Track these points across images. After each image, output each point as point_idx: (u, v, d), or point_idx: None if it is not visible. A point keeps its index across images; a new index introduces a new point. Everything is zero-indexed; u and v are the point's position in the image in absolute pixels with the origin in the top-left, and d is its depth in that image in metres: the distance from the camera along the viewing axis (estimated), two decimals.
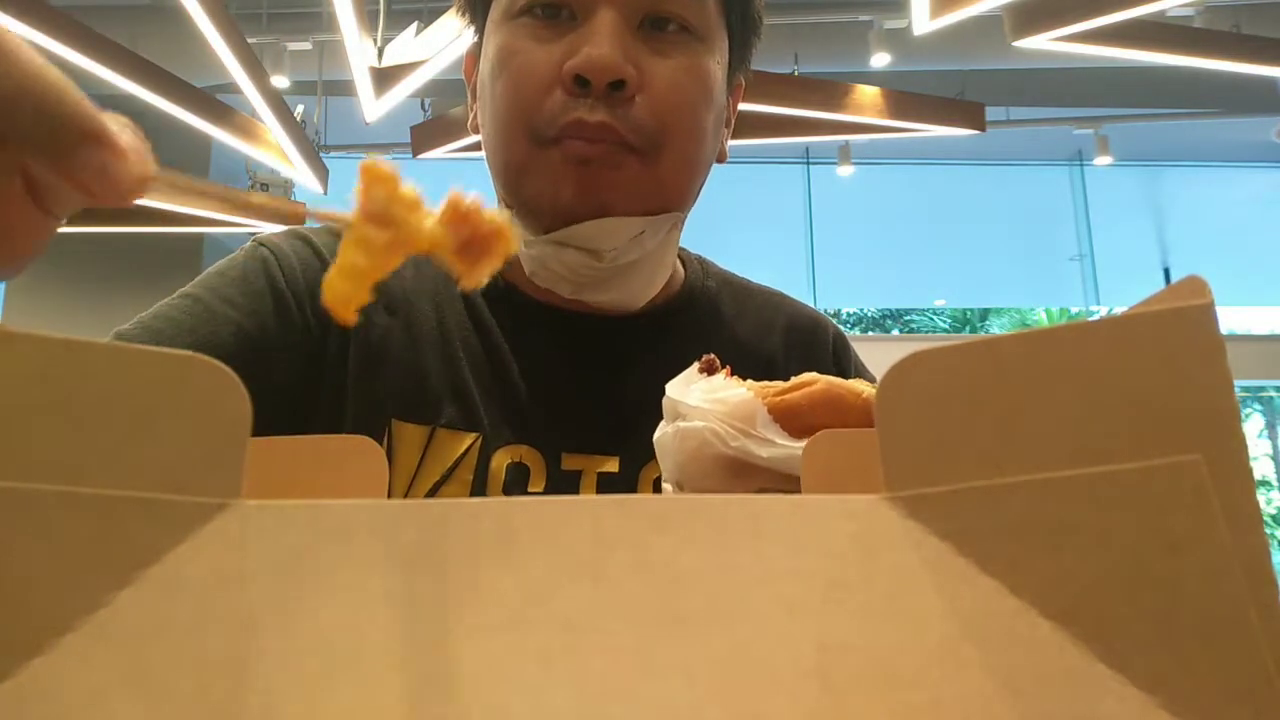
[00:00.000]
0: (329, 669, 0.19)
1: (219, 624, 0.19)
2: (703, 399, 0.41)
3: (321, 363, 0.63)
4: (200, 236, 5.30)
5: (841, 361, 0.78)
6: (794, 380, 0.40)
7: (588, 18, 0.60)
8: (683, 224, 0.69)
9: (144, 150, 0.29)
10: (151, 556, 0.20)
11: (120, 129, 0.28)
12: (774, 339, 0.76)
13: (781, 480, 0.39)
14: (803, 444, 0.37)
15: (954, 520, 0.21)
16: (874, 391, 0.38)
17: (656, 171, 0.61)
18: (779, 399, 0.39)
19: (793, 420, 0.39)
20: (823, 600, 0.20)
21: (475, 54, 0.70)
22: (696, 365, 0.44)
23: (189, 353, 0.22)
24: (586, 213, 0.60)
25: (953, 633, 0.19)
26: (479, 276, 0.33)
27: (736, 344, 0.74)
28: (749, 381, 0.41)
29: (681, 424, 0.41)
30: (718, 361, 0.44)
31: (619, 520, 0.21)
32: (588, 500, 0.22)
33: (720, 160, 0.70)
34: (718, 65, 0.64)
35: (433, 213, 0.32)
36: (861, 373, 0.78)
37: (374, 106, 3.54)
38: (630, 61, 0.59)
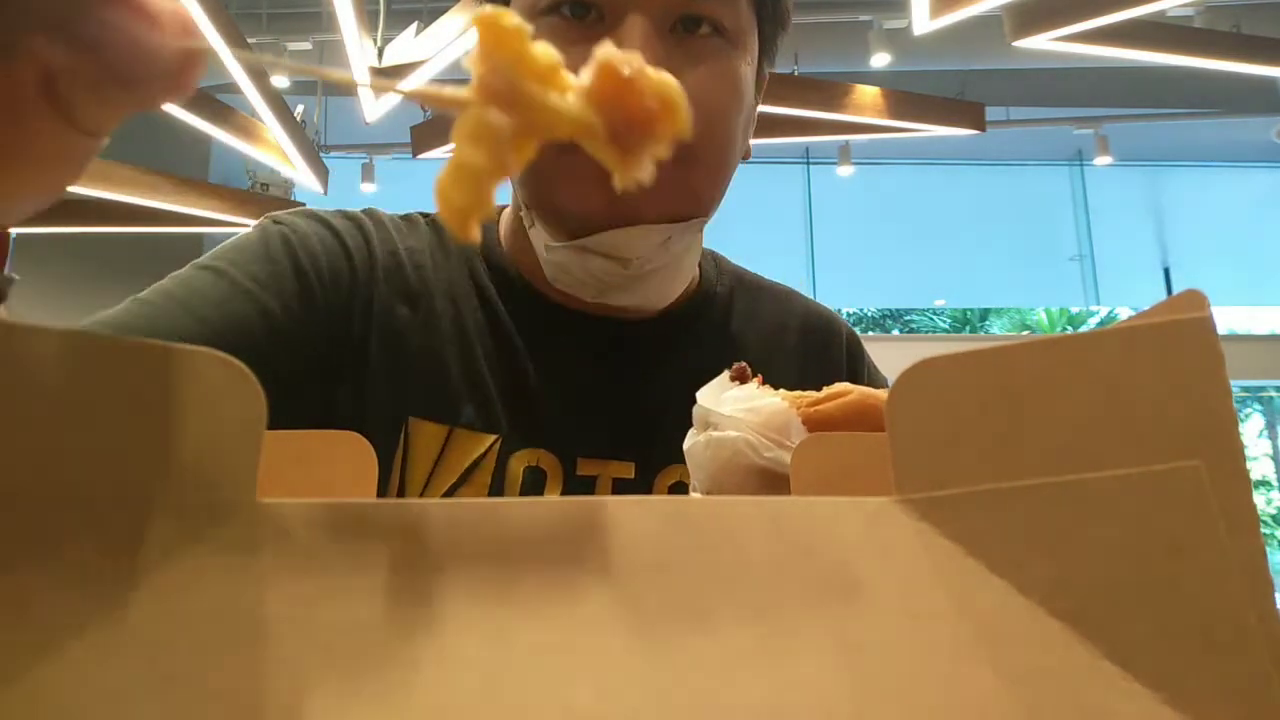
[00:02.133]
0: (350, 669, 0.19)
1: (235, 623, 0.19)
2: (735, 408, 0.40)
3: (344, 349, 0.62)
4: (200, 237, 5.29)
5: (855, 363, 0.76)
6: (827, 390, 0.40)
7: (617, 22, 0.57)
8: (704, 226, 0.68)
9: (187, 16, 0.22)
10: (166, 555, 0.20)
11: None
12: (789, 340, 0.75)
13: None
14: None
15: (964, 522, 0.21)
16: None
17: (688, 179, 0.60)
18: (813, 410, 0.39)
19: (826, 430, 0.39)
20: (840, 600, 0.20)
21: None
22: (728, 373, 0.43)
23: (203, 348, 0.22)
24: (616, 221, 0.58)
25: (965, 631, 0.20)
26: (640, 170, 0.26)
27: (751, 346, 0.73)
28: (781, 390, 0.41)
29: (714, 434, 0.41)
30: (749, 370, 0.43)
31: (640, 521, 0.21)
32: (608, 500, 0.22)
33: (744, 158, 0.68)
34: (748, 67, 0.63)
35: (576, 84, 0.25)
36: (873, 374, 0.77)
37: (374, 106, 3.54)
38: (663, 68, 0.56)
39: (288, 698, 0.18)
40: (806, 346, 0.75)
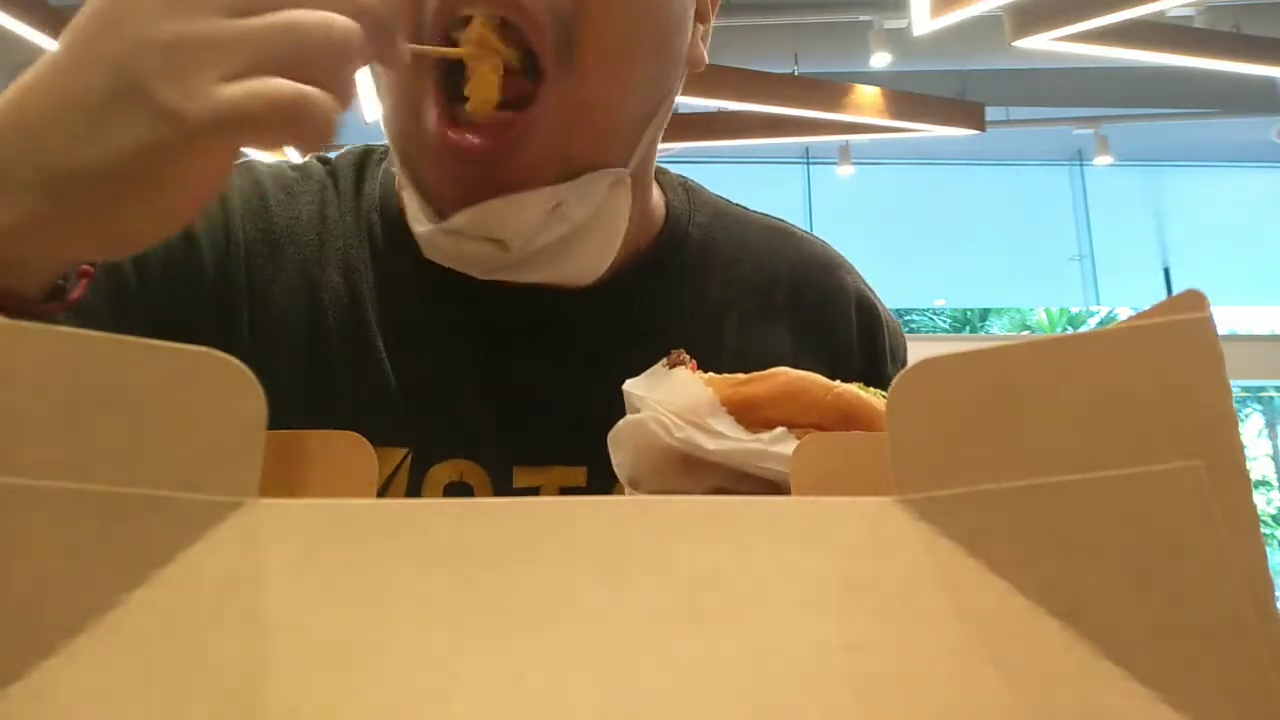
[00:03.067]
0: (350, 670, 0.19)
1: (235, 624, 0.19)
2: (656, 392, 0.38)
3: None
4: None
5: (869, 333, 0.61)
6: (759, 374, 0.38)
7: None
8: (645, 180, 0.54)
9: None
10: (165, 556, 0.20)
11: None
12: (778, 294, 0.60)
13: (737, 479, 0.36)
14: (756, 438, 0.35)
15: (964, 522, 0.21)
16: (848, 388, 0.38)
17: (576, 83, 0.46)
18: (735, 390, 0.37)
19: (750, 413, 0.36)
20: (840, 600, 0.20)
21: None
22: (664, 361, 0.41)
23: (203, 348, 0.22)
24: (474, 198, 0.47)
25: (965, 631, 0.20)
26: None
27: (731, 304, 0.59)
28: (711, 374, 0.38)
29: (630, 417, 0.39)
30: (685, 355, 0.41)
31: (638, 521, 0.21)
32: (607, 501, 0.22)
33: (695, 68, 0.54)
34: None
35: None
36: (895, 348, 0.63)
37: (374, 106, 3.54)
38: None
39: (288, 698, 0.18)
40: (798, 303, 0.60)
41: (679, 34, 0.51)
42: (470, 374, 0.54)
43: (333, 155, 0.60)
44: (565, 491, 0.53)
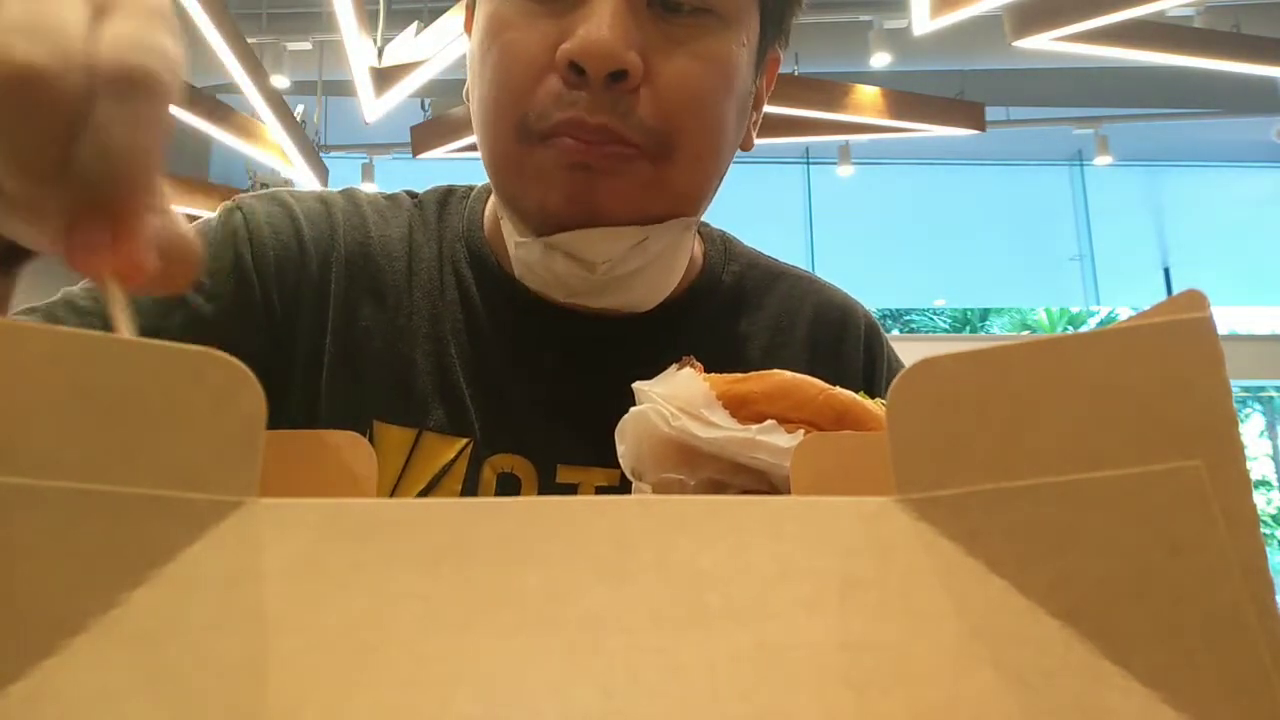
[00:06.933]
0: (351, 669, 0.19)
1: (236, 623, 0.19)
2: (660, 387, 0.41)
3: (291, 350, 0.58)
4: None
5: (871, 356, 0.71)
6: (755, 373, 0.40)
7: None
8: (696, 223, 0.63)
9: None
10: (166, 555, 0.20)
11: None
12: (798, 330, 0.69)
13: (733, 470, 0.38)
14: (746, 429, 0.37)
15: (963, 522, 0.21)
16: (843, 391, 0.39)
17: (666, 174, 0.55)
18: (731, 387, 0.39)
19: (743, 407, 0.39)
20: (840, 599, 0.20)
21: (473, 6, 0.60)
22: (675, 365, 0.44)
23: (203, 348, 0.22)
24: (576, 220, 0.54)
25: (964, 631, 0.20)
26: None
27: (757, 337, 0.68)
28: (712, 374, 0.41)
29: (634, 409, 0.41)
30: (694, 360, 0.44)
31: (641, 520, 0.21)
32: (610, 500, 0.22)
33: (745, 148, 0.64)
34: (741, 47, 0.56)
35: None
36: (891, 364, 0.72)
37: (374, 106, 3.54)
38: (635, 47, 0.51)
39: (288, 698, 0.18)
40: (816, 337, 0.69)
41: (742, 128, 0.61)
42: (530, 381, 0.61)
43: (419, 191, 0.70)
44: (600, 491, 0.60)
